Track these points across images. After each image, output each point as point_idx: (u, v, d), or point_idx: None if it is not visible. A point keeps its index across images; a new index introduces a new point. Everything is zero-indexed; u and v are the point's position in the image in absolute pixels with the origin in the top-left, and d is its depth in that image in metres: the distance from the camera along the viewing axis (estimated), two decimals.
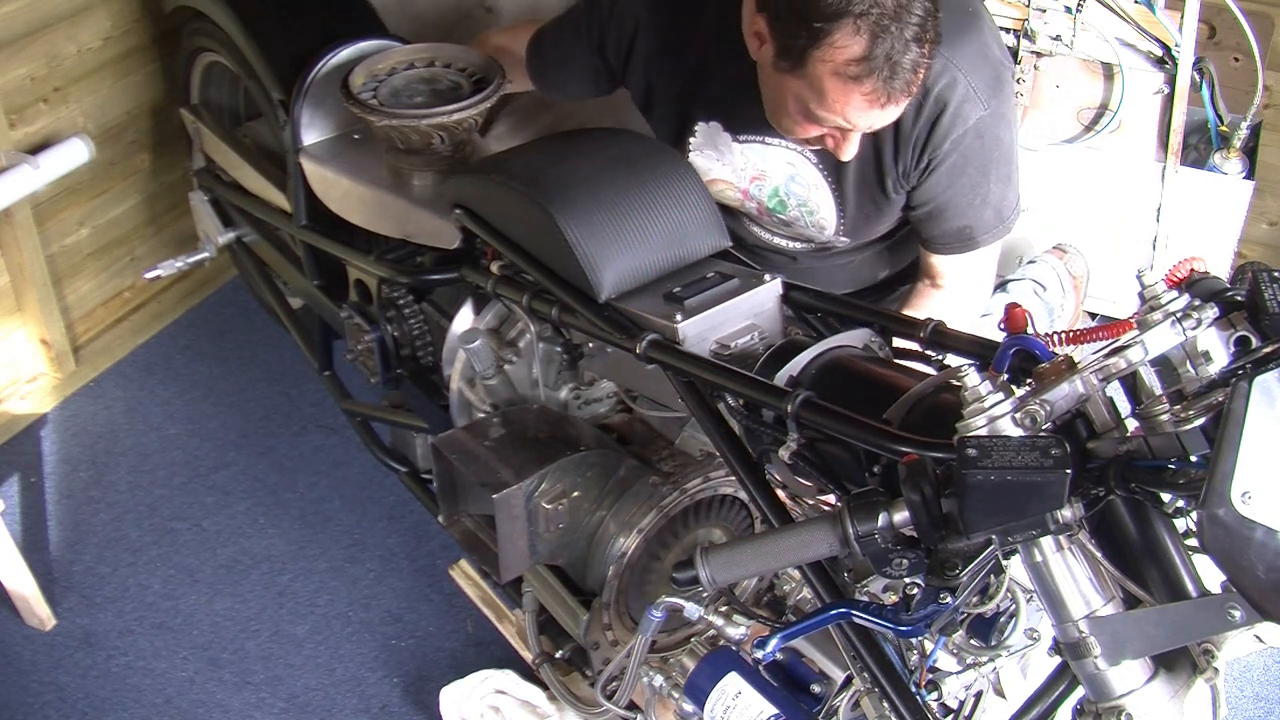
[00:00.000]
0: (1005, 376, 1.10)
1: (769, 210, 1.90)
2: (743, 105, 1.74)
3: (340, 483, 2.61)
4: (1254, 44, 2.66)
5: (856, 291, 2.07)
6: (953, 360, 1.41)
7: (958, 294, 1.90)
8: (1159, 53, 2.71)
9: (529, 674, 2.02)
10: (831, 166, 1.79)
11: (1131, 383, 1.08)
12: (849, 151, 1.63)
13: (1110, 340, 1.07)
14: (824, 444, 1.30)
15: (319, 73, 2.15)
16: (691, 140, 1.87)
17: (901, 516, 1.06)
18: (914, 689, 1.23)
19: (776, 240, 1.98)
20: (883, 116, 1.54)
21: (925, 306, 1.90)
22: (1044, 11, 2.73)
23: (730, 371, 1.41)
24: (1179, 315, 1.03)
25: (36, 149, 2.52)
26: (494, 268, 1.79)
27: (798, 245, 1.97)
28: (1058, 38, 2.74)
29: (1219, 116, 2.77)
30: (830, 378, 1.37)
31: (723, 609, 1.38)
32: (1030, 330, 1.16)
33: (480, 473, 1.64)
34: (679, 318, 1.50)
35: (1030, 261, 2.80)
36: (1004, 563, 1.21)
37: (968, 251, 1.84)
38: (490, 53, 2.06)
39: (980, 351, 1.32)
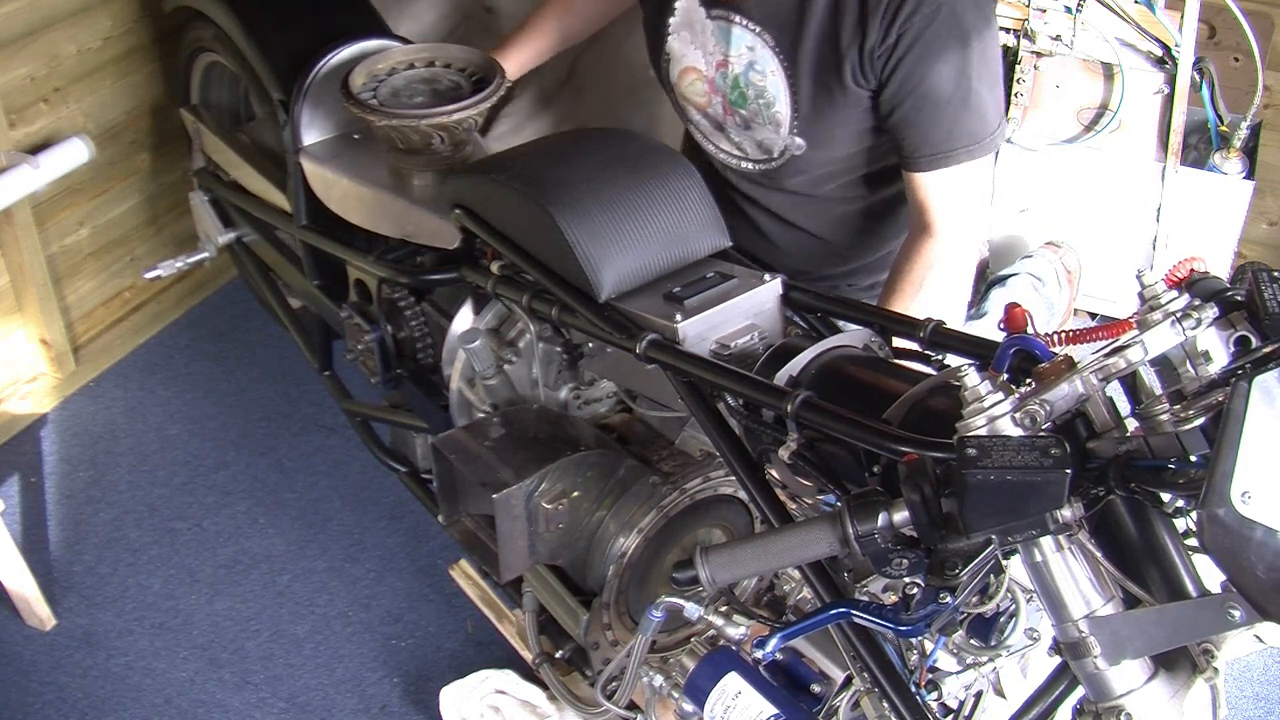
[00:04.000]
0: (1005, 376, 1.10)
1: (732, 105, 1.88)
2: None
3: (340, 483, 2.61)
4: (1254, 44, 2.66)
5: (844, 247, 2.02)
6: (952, 360, 1.41)
7: (947, 229, 1.79)
8: (1159, 53, 2.71)
9: (529, 674, 2.02)
10: (788, 51, 1.78)
11: (1131, 383, 1.08)
12: None
13: (1110, 340, 1.07)
14: (824, 444, 1.30)
15: (319, 73, 2.15)
16: (671, 20, 1.91)
17: (901, 516, 1.06)
18: (914, 689, 1.23)
19: (739, 157, 1.95)
20: None
21: (931, 259, 1.79)
22: (1044, 11, 2.74)
23: (730, 371, 1.41)
24: (1179, 315, 1.03)
25: (36, 149, 2.52)
26: (494, 268, 1.79)
27: (759, 160, 1.93)
28: (1058, 38, 2.75)
29: (1219, 116, 2.78)
30: (830, 378, 1.37)
31: (723, 609, 1.38)
32: (1030, 330, 1.16)
33: (480, 473, 1.64)
34: (679, 318, 1.50)
35: (1026, 256, 2.80)
36: (1004, 563, 1.21)
37: (950, 165, 1.75)
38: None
39: (980, 351, 1.32)
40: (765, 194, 1.98)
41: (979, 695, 1.38)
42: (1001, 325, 1.20)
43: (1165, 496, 1.06)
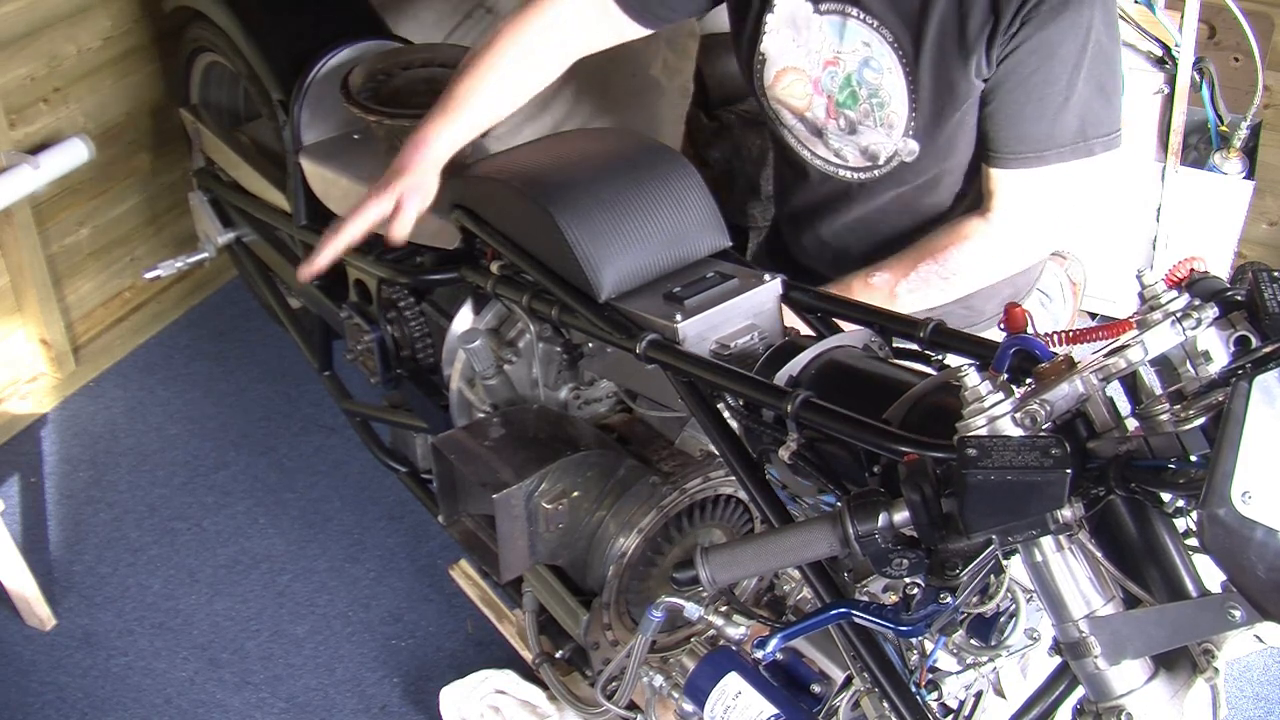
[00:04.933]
0: (1005, 376, 1.10)
1: (838, 106, 1.75)
2: None
3: (340, 483, 2.61)
4: (1254, 44, 2.66)
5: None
6: (953, 360, 1.41)
7: (1007, 227, 1.69)
8: (1159, 53, 2.71)
9: (529, 674, 2.02)
10: (909, 47, 1.65)
11: (1131, 382, 1.08)
12: None
13: (1110, 340, 1.06)
14: (824, 444, 1.30)
15: (319, 73, 2.15)
16: (769, 18, 1.76)
17: (901, 516, 1.06)
18: (914, 689, 1.23)
19: (838, 165, 1.81)
20: None
21: (968, 233, 1.71)
22: None
23: (730, 371, 1.41)
24: (1179, 315, 1.03)
25: (36, 149, 2.53)
26: (494, 268, 1.79)
27: (860, 168, 1.79)
28: None
29: (1219, 116, 2.78)
30: (830, 378, 1.37)
31: (723, 609, 1.38)
32: (1030, 330, 1.16)
33: (480, 473, 1.64)
34: (679, 318, 1.50)
35: None
36: (1004, 563, 1.21)
37: (1034, 167, 1.63)
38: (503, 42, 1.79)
39: (980, 351, 1.32)
40: (858, 203, 1.84)
41: (979, 695, 1.38)
42: (1001, 325, 1.20)
43: (1165, 496, 1.06)
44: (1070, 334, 1.14)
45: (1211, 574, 0.99)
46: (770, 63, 1.80)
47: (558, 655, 1.79)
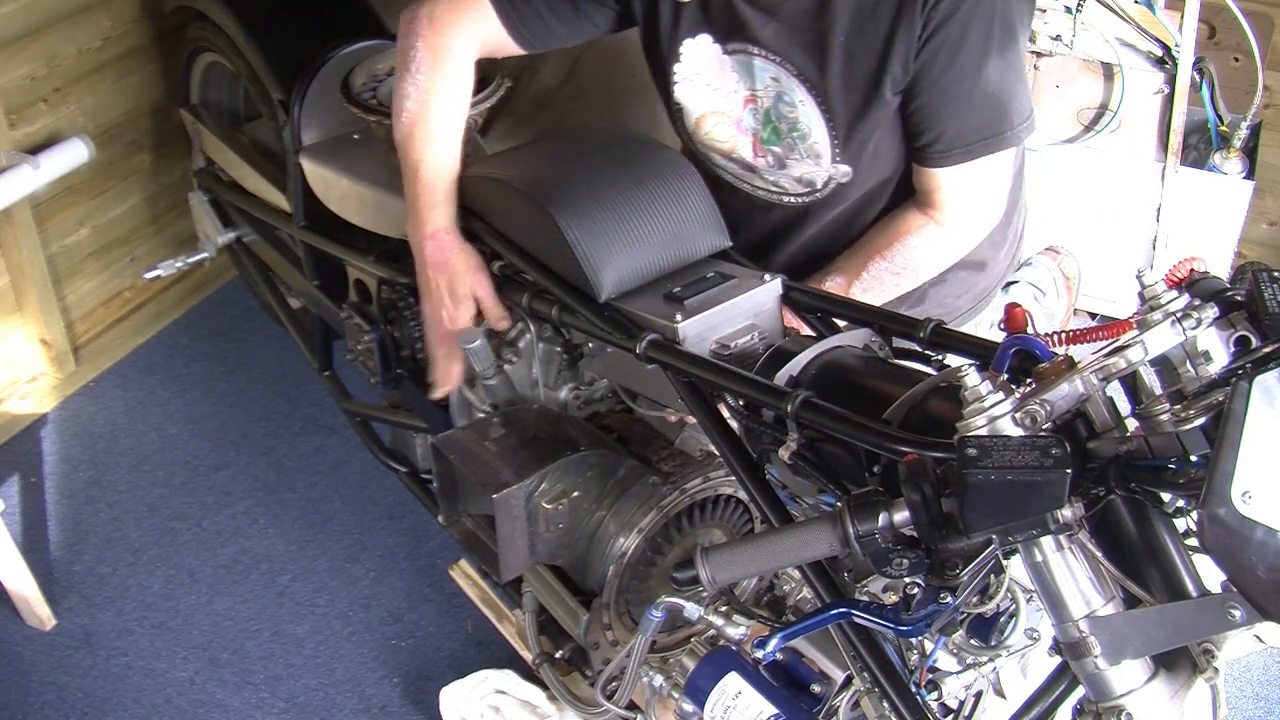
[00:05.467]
0: (1005, 376, 1.10)
1: (764, 143, 1.76)
2: (727, 5, 1.64)
3: (340, 483, 2.61)
4: (1254, 44, 2.66)
5: None
6: (953, 360, 1.41)
7: (949, 220, 1.72)
8: (1159, 53, 2.71)
9: (529, 674, 2.02)
10: (814, 78, 1.66)
11: (1131, 382, 1.08)
12: None
13: (1110, 340, 1.06)
14: (824, 444, 1.30)
15: (319, 73, 2.15)
16: (677, 68, 1.75)
17: (901, 516, 1.06)
18: (914, 689, 1.23)
19: (779, 192, 1.82)
20: None
21: (911, 228, 1.73)
22: (1044, 11, 2.73)
23: (730, 371, 1.41)
24: (1179, 315, 1.03)
25: (36, 149, 2.53)
26: (494, 268, 1.79)
27: (801, 194, 1.80)
28: (1058, 38, 2.75)
29: (1219, 116, 2.78)
30: (830, 378, 1.37)
31: (723, 609, 1.38)
32: (1030, 330, 1.16)
33: (480, 473, 1.64)
34: (679, 318, 1.50)
35: (1025, 264, 2.80)
36: (1004, 562, 1.21)
37: (964, 162, 1.65)
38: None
39: (980, 351, 1.32)
40: (810, 223, 1.85)
41: (979, 695, 1.38)
42: (1001, 325, 1.20)
43: (1165, 496, 1.06)
44: (1070, 334, 1.14)
45: (1211, 574, 0.99)
46: (689, 111, 1.80)
47: (558, 655, 1.79)
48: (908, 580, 1.10)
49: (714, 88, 1.76)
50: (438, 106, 1.73)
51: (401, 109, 1.75)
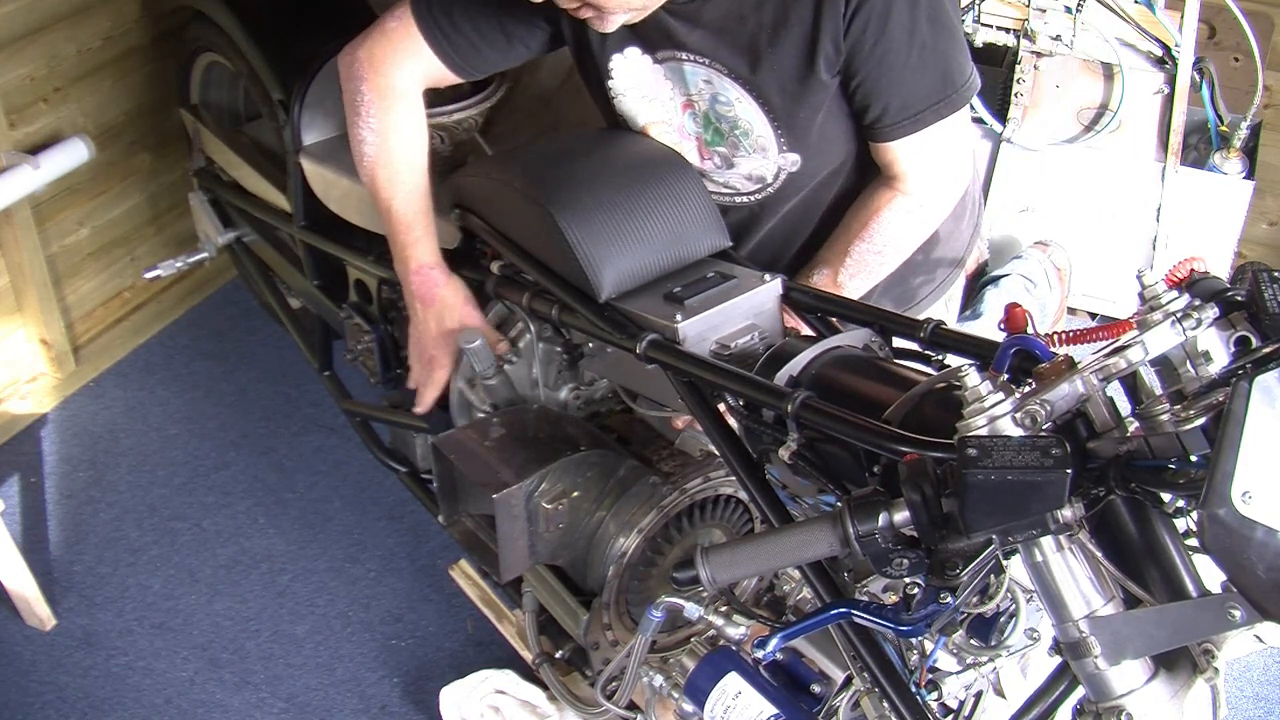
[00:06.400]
0: (1005, 376, 1.10)
1: (708, 145, 1.76)
2: (651, 17, 1.63)
3: (340, 483, 2.61)
4: (1254, 44, 2.66)
5: None
6: (953, 360, 1.41)
7: (914, 190, 1.72)
8: (1159, 53, 2.71)
9: (529, 674, 2.02)
10: (745, 73, 1.65)
11: (1131, 383, 1.08)
12: (609, 24, 1.56)
13: (1110, 340, 1.06)
14: (824, 444, 1.30)
15: (319, 73, 2.15)
16: (610, 84, 1.75)
17: (902, 516, 1.06)
18: (914, 689, 1.23)
19: (731, 194, 1.81)
20: None
21: (881, 204, 1.73)
22: (1044, 11, 2.74)
23: (730, 371, 1.41)
24: (1179, 315, 1.03)
25: (36, 149, 2.53)
26: (494, 268, 1.79)
27: (753, 191, 1.80)
28: (1058, 38, 2.75)
29: (1219, 116, 2.78)
30: (830, 378, 1.37)
31: (723, 609, 1.38)
32: (1030, 330, 1.16)
33: (480, 473, 1.64)
34: (679, 318, 1.50)
35: (1016, 257, 2.80)
36: (1004, 563, 1.21)
37: (915, 131, 1.65)
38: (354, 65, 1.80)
39: (980, 351, 1.32)
40: (766, 219, 1.87)
41: (979, 695, 1.38)
42: (1001, 325, 1.20)
43: (1166, 496, 1.06)
44: (1070, 334, 1.14)
45: (1211, 574, 0.99)
46: (632, 122, 1.80)
47: (558, 655, 1.80)
48: (908, 580, 1.10)
49: (650, 98, 1.76)
50: (396, 145, 1.78)
51: (361, 154, 1.79)
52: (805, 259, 1.82)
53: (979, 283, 2.75)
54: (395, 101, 1.77)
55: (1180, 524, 1.09)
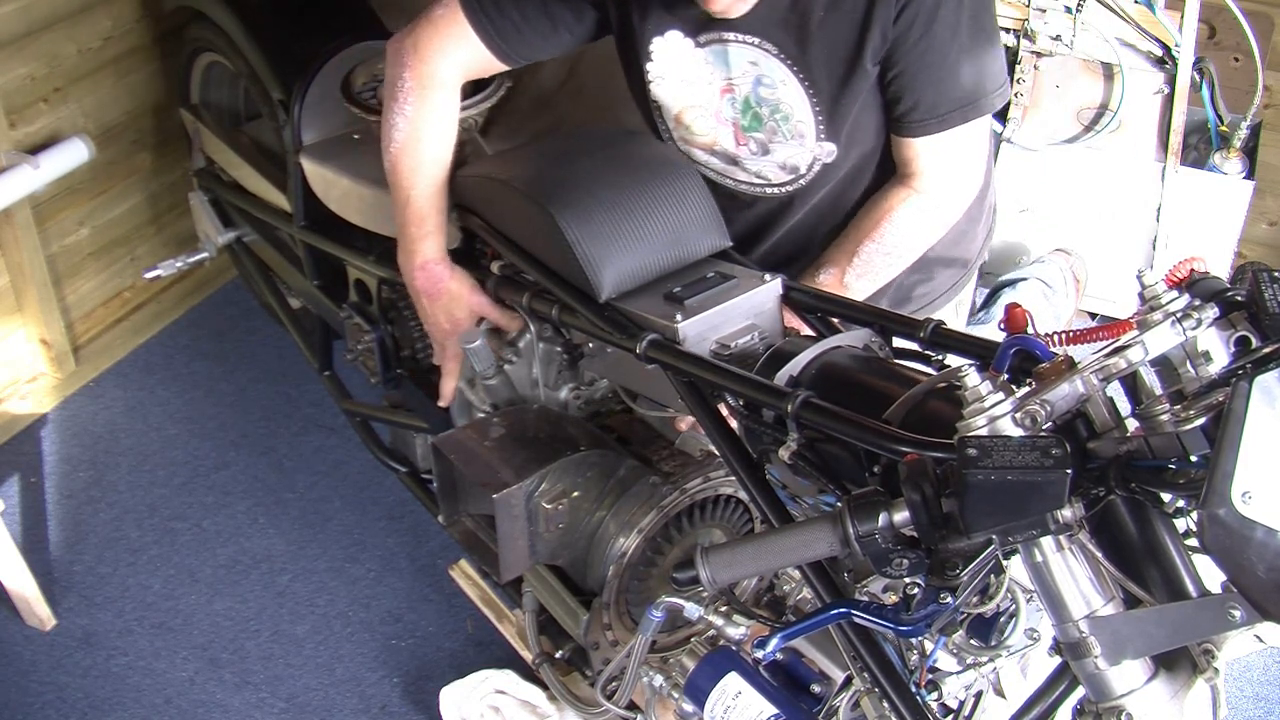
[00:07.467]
0: (1005, 376, 1.10)
1: (745, 131, 1.76)
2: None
3: (340, 483, 2.61)
4: (1254, 44, 2.66)
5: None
6: (953, 360, 1.41)
7: (930, 189, 1.74)
8: (1159, 53, 2.71)
9: (529, 674, 2.02)
10: (795, 54, 1.66)
11: (1131, 383, 1.08)
12: (736, 8, 1.58)
13: (1110, 340, 1.06)
14: (824, 444, 1.30)
15: (319, 73, 2.15)
16: (650, 67, 1.75)
17: (902, 516, 1.06)
18: (914, 689, 1.23)
19: (761, 185, 1.82)
20: None
21: (894, 204, 1.75)
22: (1044, 11, 2.74)
23: (730, 372, 1.41)
24: (1179, 315, 1.03)
25: (36, 149, 2.53)
26: (494, 268, 1.79)
27: (785, 182, 1.80)
28: (1058, 38, 2.75)
29: (1219, 116, 2.78)
30: (830, 378, 1.37)
31: (723, 609, 1.38)
32: (1030, 330, 1.16)
33: (480, 473, 1.64)
34: (679, 318, 1.50)
35: (1037, 260, 2.80)
36: (1004, 563, 1.21)
37: (941, 131, 1.68)
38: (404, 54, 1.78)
39: (980, 351, 1.32)
40: (794, 212, 1.86)
41: (979, 695, 1.38)
42: (1002, 325, 1.20)
43: (1166, 496, 1.06)
44: (1070, 334, 1.14)
45: (1211, 574, 0.99)
46: (666, 108, 1.80)
47: (558, 655, 1.79)
48: (908, 580, 1.10)
49: (688, 82, 1.76)
50: (426, 135, 1.77)
51: (390, 140, 1.77)
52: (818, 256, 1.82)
53: (995, 284, 2.76)
54: (434, 91, 1.76)
55: (1180, 524, 1.09)
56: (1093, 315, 3.01)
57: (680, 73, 1.76)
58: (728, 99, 1.76)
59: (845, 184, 1.81)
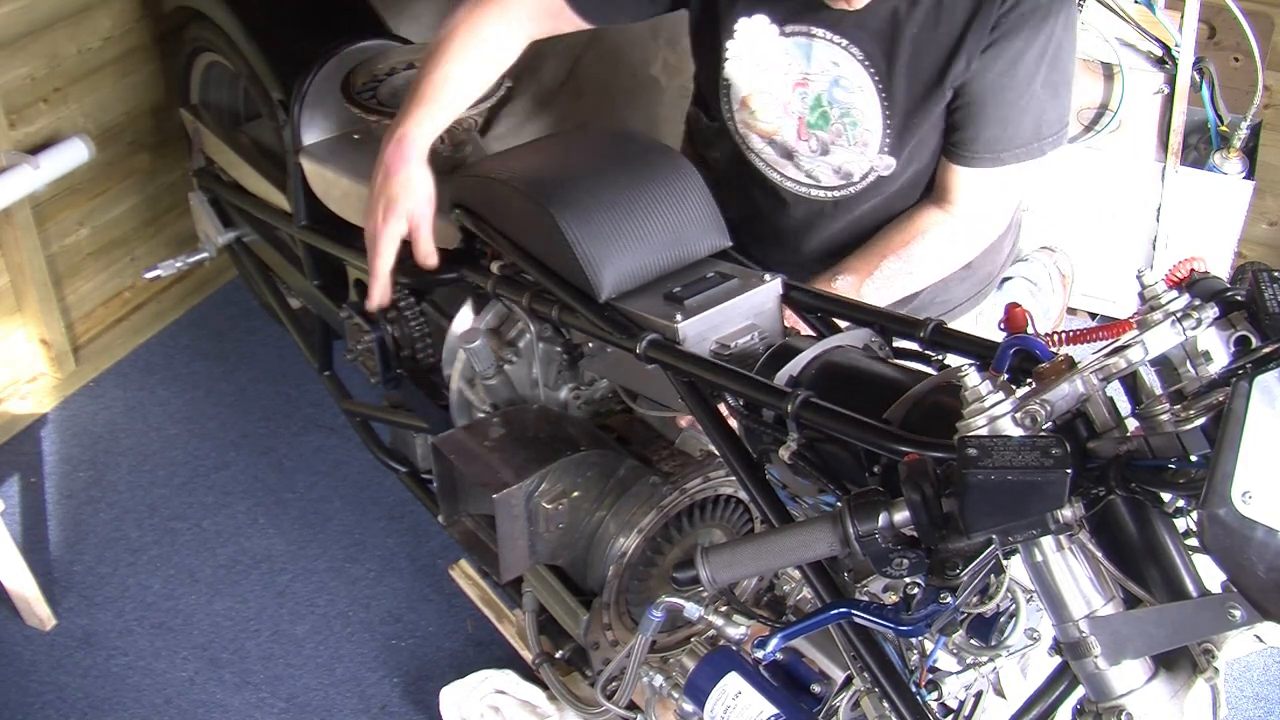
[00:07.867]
0: (1005, 376, 1.10)
1: (810, 127, 1.75)
2: None
3: (340, 483, 2.61)
4: (1254, 44, 2.66)
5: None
6: (953, 360, 1.41)
7: (965, 218, 1.76)
8: (1159, 53, 2.71)
9: (529, 674, 2.02)
10: (880, 64, 1.67)
11: (1131, 382, 1.08)
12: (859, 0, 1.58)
13: (1110, 340, 1.06)
14: (824, 444, 1.30)
15: (319, 73, 2.15)
16: (730, 44, 1.74)
17: (902, 516, 1.06)
18: (914, 689, 1.23)
19: (809, 185, 1.82)
20: None
21: (927, 226, 1.76)
22: None
23: (730, 371, 1.41)
24: (1179, 315, 1.03)
25: (36, 149, 2.53)
26: (494, 268, 1.79)
27: (834, 186, 1.80)
28: None
29: (1219, 116, 2.78)
30: (830, 378, 1.37)
31: (723, 609, 1.38)
32: (1030, 330, 1.16)
33: (480, 473, 1.64)
34: (679, 318, 1.50)
35: (1021, 260, 2.80)
36: (1004, 562, 1.21)
37: (992, 167, 1.70)
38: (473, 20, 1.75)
39: (980, 351, 1.32)
40: (836, 219, 1.85)
41: (979, 695, 1.38)
42: (1002, 325, 1.20)
43: (1166, 496, 1.06)
44: (1070, 334, 1.14)
45: (1211, 574, 0.99)
46: (735, 88, 1.79)
47: (558, 655, 1.80)
48: (908, 580, 1.10)
49: (764, 68, 1.75)
50: (481, 28, 1.72)
51: (448, 21, 1.73)
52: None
53: None
54: (506, 11, 1.73)
55: (1180, 524, 1.09)
56: (1093, 315, 3.02)
57: (758, 57, 1.75)
58: (799, 92, 1.75)
59: (892, 200, 1.81)
